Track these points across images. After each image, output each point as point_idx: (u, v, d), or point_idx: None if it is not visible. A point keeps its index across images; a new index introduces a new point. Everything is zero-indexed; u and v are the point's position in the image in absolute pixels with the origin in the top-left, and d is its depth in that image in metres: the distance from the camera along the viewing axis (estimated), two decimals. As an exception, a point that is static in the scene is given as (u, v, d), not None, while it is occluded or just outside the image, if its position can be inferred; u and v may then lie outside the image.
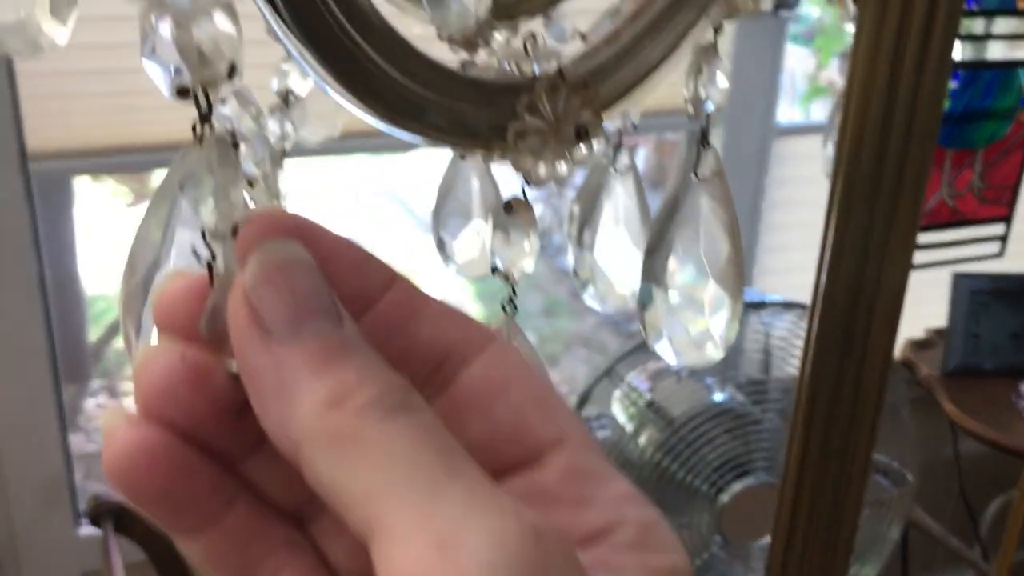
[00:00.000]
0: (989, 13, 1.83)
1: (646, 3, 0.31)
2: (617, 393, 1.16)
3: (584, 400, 1.14)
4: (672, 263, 0.35)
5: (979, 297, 2.00)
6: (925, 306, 2.13)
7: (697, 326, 0.36)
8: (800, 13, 1.78)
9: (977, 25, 1.90)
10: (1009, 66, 1.90)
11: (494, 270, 0.30)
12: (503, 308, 0.32)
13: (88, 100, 1.36)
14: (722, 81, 0.33)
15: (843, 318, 0.44)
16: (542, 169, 0.28)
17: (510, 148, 0.28)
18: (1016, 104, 1.93)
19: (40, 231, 1.40)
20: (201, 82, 0.22)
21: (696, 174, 0.35)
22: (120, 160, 1.44)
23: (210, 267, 0.22)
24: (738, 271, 0.36)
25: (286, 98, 0.44)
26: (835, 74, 2.71)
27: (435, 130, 0.27)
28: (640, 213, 0.50)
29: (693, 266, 0.35)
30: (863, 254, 0.43)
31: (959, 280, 2.01)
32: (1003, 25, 1.90)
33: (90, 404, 3.34)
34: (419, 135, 0.27)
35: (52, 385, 1.44)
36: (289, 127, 0.43)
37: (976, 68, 1.88)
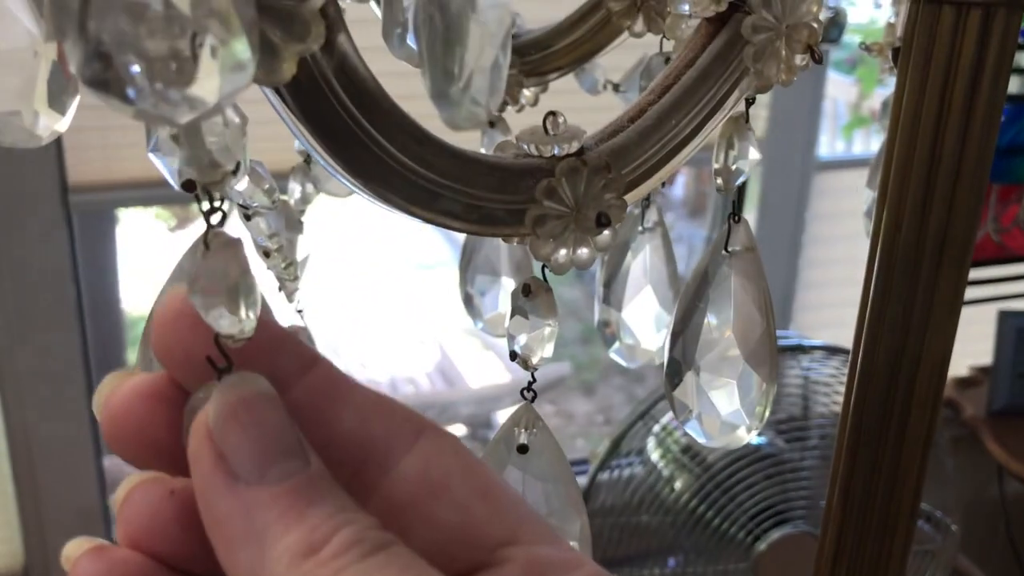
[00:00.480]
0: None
1: (672, 77, 0.29)
2: (652, 435, 1.13)
3: (618, 442, 1.11)
4: (702, 343, 0.34)
5: (1026, 336, 1.95)
6: (970, 344, 2.08)
7: (728, 407, 0.34)
8: (843, 40, 1.76)
9: (1022, 59, 1.86)
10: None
11: (513, 355, 0.29)
12: (522, 394, 0.30)
13: (128, 132, 1.37)
14: (753, 154, 0.32)
15: (887, 368, 0.43)
16: (562, 255, 0.27)
17: (529, 234, 0.27)
18: (1065, 139, 1.89)
19: (80, 259, 1.41)
20: (206, 184, 0.21)
21: (727, 249, 0.34)
22: (158, 192, 1.45)
23: (221, 374, 0.21)
24: (771, 349, 0.34)
25: (308, 158, 0.43)
26: (877, 104, 2.68)
27: (449, 216, 0.26)
28: (668, 271, 0.48)
29: (724, 346, 0.34)
30: (905, 321, 0.41)
31: (1005, 318, 1.96)
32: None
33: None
34: (432, 222, 0.26)
35: (87, 412, 1.45)
36: (310, 188, 0.42)
37: (1020, 102, 1.84)
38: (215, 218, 0.21)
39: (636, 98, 0.49)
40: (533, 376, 0.30)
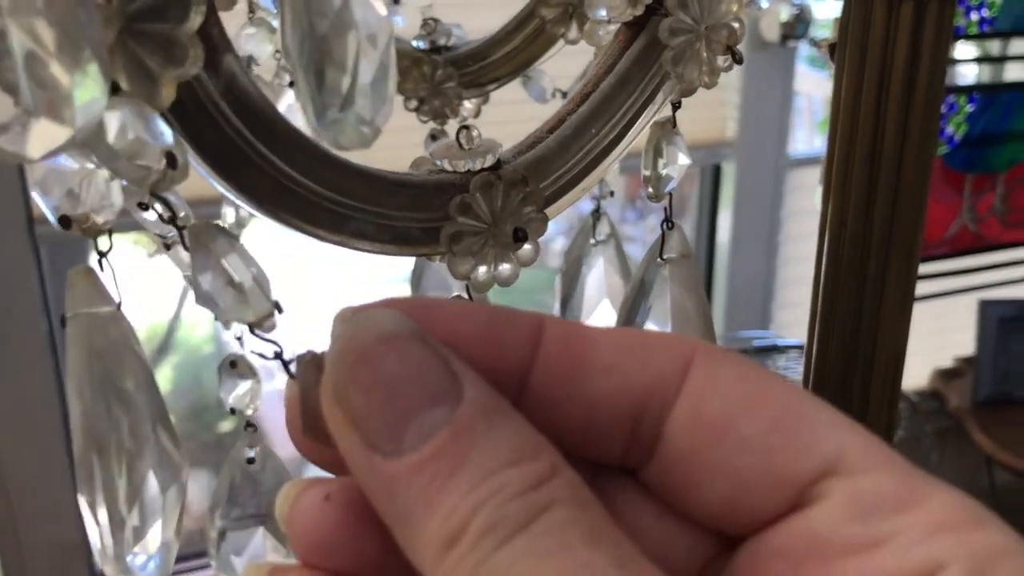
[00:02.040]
0: (1005, 35, 1.80)
1: (591, 84, 0.29)
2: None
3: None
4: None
5: (1007, 324, 1.95)
6: (952, 334, 2.09)
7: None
8: (816, 37, 1.76)
9: (993, 47, 1.87)
10: (1026, 88, 1.86)
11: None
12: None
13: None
14: (682, 159, 0.31)
15: (840, 367, 0.42)
16: (482, 273, 0.26)
17: (445, 252, 0.26)
18: (1035, 126, 1.90)
19: (49, 291, 1.40)
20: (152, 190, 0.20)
21: (663, 257, 0.33)
22: (125, 221, 1.43)
23: (279, 358, 0.20)
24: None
25: (170, 157, 0.42)
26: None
27: (360, 238, 0.25)
28: (623, 283, 0.48)
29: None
30: (855, 319, 0.41)
31: (986, 307, 1.96)
32: (1018, 46, 1.87)
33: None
34: (342, 245, 0.25)
35: (65, 448, 1.43)
36: (244, 212, 0.41)
37: (993, 91, 1.85)
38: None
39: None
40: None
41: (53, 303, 1.42)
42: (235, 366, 0.40)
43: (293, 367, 0.19)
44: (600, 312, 0.47)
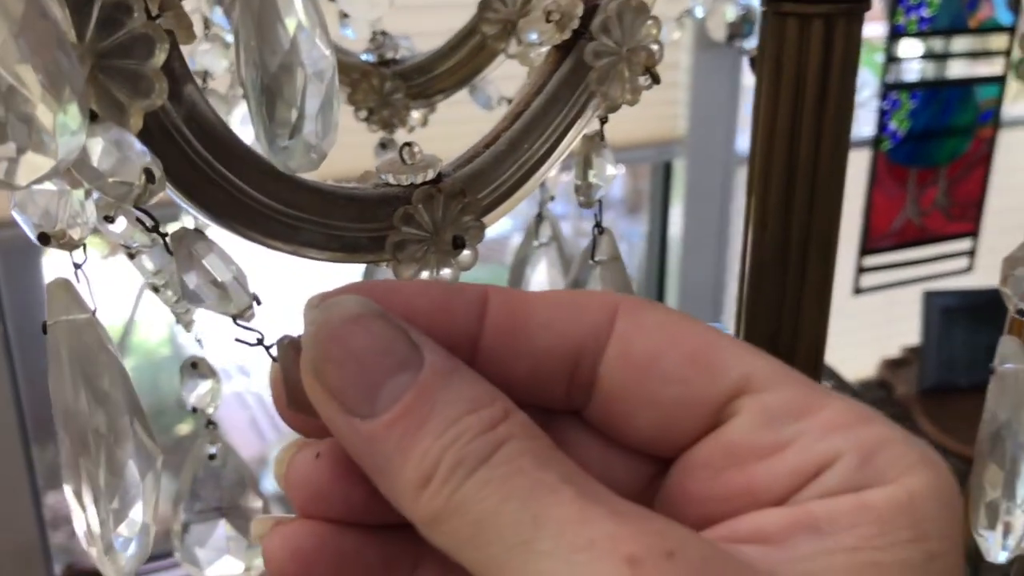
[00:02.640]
0: (945, 33, 1.86)
1: (523, 104, 0.31)
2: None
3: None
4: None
5: (950, 314, 2.01)
6: (898, 324, 2.14)
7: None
8: (744, 47, 1.80)
9: (936, 44, 1.92)
10: (965, 83, 1.92)
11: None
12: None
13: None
14: (610, 169, 0.34)
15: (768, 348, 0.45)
16: (425, 277, 0.29)
17: (391, 259, 0.29)
18: (975, 121, 1.96)
19: (4, 297, 1.40)
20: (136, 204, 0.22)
21: (594, 259, 0.36)
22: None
23: (261, 344, 0.22)
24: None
25: (149, 172, 0.44)
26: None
27: (312, 247, 0.28)
28: (565, 282, 0.50)
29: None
30: (777, 316, 0.44)
31: (930, 298, 2.02)
32: (960, 44, 1.92)
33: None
34: (295, 254, 0.28)
35: (22, 448, 1.43)
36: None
37: (934, 87, 1.90)
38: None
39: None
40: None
41: (8, 308, 1.42)
42: (196, 367, 0.42)
43: (273, 351, 0.22)
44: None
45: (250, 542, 0.45)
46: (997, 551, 0.35)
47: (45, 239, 0.23)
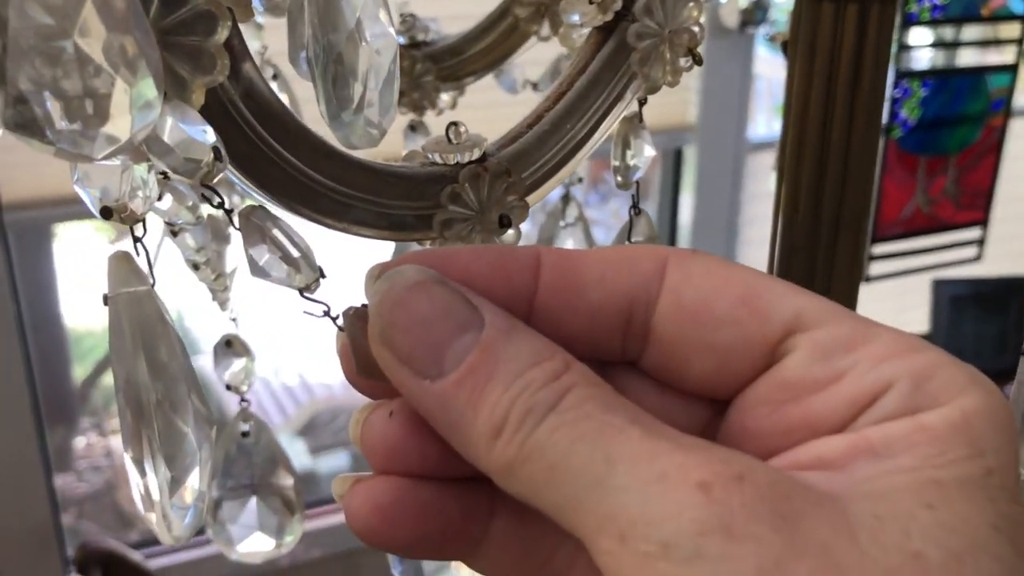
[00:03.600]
0: (957, 21, 1.85)
1: (566, 84, 0.32)
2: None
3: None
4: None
5: (959, 302, 2.01)
6: (907, 313, 2.15)
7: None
8: (779, 20, 1.80)
9: (947, 33, 1.92)
10: (976, 72, 1.92)
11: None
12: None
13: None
14: (648, 150, 0.34)
15: None
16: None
17: (438, 237, 0.29)
18: (986, 109, 1.95)
19: (17, 276, 1.41)
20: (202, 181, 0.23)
21: (630, 240, 0.36)
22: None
23: (328, 316, 0.23)
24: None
25: (217, 151, 0.44)
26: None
27: (362, 225, 0.28)
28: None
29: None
30: (810, 266, 0.44)
31: (939, 286, 2.02)
32: (971, 32, 1.92)
33: (80, 443, 3.32)
34: (345, 231, 0.28)
35: (36, 430, 1.44)
36: (236, 199, 0.44)
37: (945, 75, 1.90)
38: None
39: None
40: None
41: (22, 289, 1.43)
42: (230, 345, 0.42)
43: (340, 322, 0.23)
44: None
45: (279, 517, 0.45)
46: None
47: (107, 213, 0.24)
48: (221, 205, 0.23)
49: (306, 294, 0.23)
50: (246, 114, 0.25)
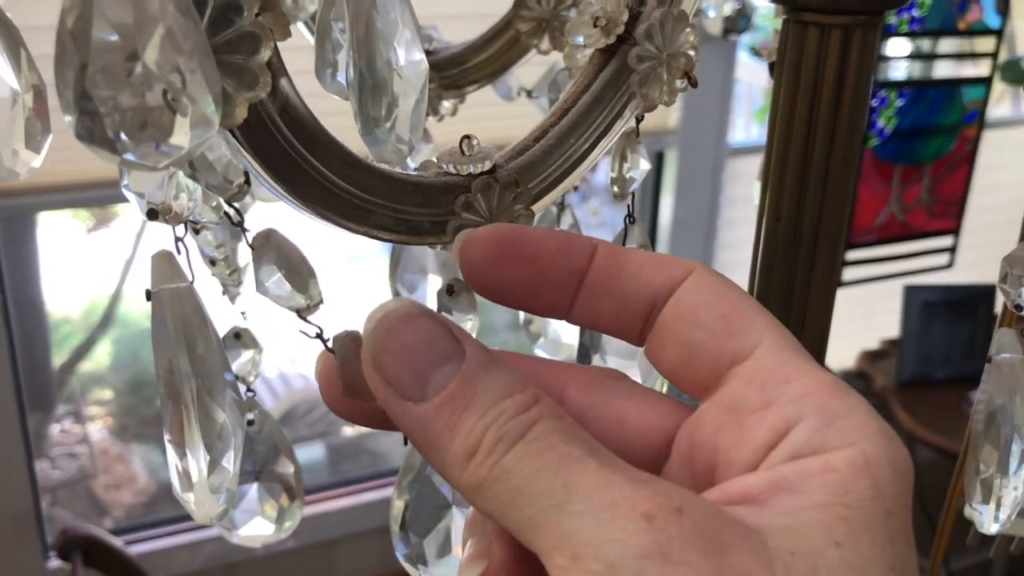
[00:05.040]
0: (934, 33, 1.89)
1: (570, 101, 0.34)
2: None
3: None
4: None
5: (930, 309, 2.05)
6: (879, 317, 2.19)
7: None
8: (758, 25, 1.83)
9: (924, 45, 1.96)
10: (952, 84, 1.96)
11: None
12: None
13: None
14: (644, 164, 0.37)
15: None
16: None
17: (451, 242, 0.31)
18: (960, 120, 1.99)
19: (3, 265, 1.41)
20: (228, 199, 0.25)
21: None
22: (78, 196, 1.45)
23: (320, 338, 0.25)
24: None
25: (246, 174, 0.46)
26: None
27: (381, 229, 0.30)
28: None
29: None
30: (787, 301, 0.47)
31: (910, 292, 2.06)
32: (947, 45, 1.96)
33: (55, 430, 3.31)
34: (367, 235, 0.30)
35: (18, 416, 1.45)
36: (248, 199, 0.46)
37: (921, 86, 1.93)
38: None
39: (546, 103, 0.54)
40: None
41: (7, 277, 1.43)
42: (239, 337, 0.44)
43: (331, 344, 0.25)
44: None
45: (278, 504, 0.47)
46: (990, 523, 0.38)
47: (153, 215, 0.26)
48: (241, 223, 0.25)
49: (304, 314, 0.25)
50: (282, 126, 0.27)
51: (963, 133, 2.01)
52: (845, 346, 2.13)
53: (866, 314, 2.19)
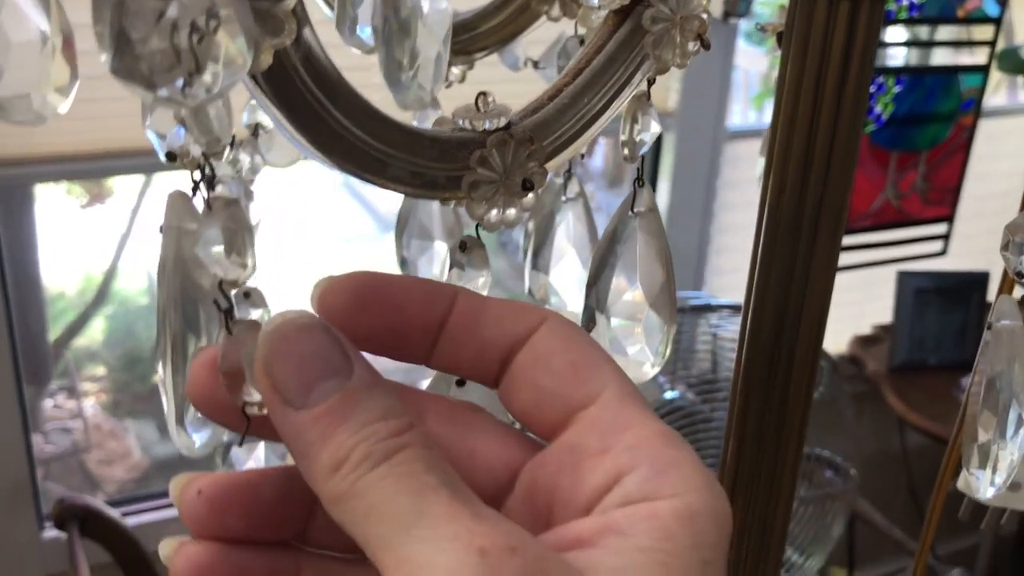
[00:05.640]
0: (932, 21, 1.89)
1: (584, 61, 0.34)
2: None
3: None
4: (612, 292, 0.39)
5: (923, 295, 2.06)
6: (872, 303, 2.20)
7: (635, 347, 0.40)
8: (759, 20, 1.83)
9: (922, 32, 1.96)
10: (949, 71, 1.96)
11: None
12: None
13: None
14: (654, 127, 0.37)
15: (773, 318, 0.48)
16: (494, 215, 0.32)
17: (465, 197, 0.32)
18: (956, 108, 2.00)
19: (2, 240, 1.41)
20: (209, 154, 0.25)
21: (633, 210, 0.39)
22: (77, 167, 1.45)
23: (226, 314, 0.25)
24: (671, 297, 0.40)
25: (256, 131, 0.47)
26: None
27: (397, 182, 0.31)
28: (589, 236, 0.53)
29: (631, 293, 0.39)
30: (791, 256, 0.47)
31: (904, 278, 2.07)
32: (945, 32, 1.96)
33: (48, 405, 3.31)
34: (383, 187, 0.30)
35: (15, 387, 1.45)
36: (259, 159, 0.46)
37: (918, 73, 1.94)
38: (205, 185, 0.25)
39: (552, 73, 0.54)
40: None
41: (5, 246, 1.43)
42: (248, 296, 0.44)
43: (231, 325, 0.25)
44: (567, 262, 0.53)
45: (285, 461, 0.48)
46: (986, 488, 0.39)
47: (172, 157, 0.26)
48: (211, 181, 0.25)
49: (225, 287, 0.25)
50: (304, 75, 0.27)
51: (959, 121, 2.02)
52: (838, 331, 2.15)
53: (859, 300, 2.20)
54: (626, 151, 0.38)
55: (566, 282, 0.53)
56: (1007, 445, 0.38)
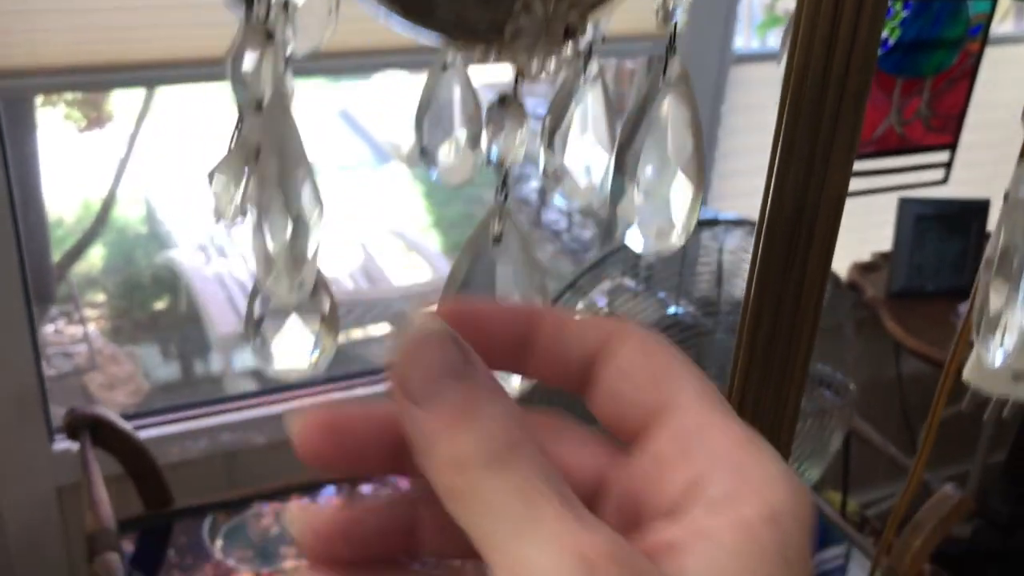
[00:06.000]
0: (941, -56, 1.87)
1: (625, -81, 0.35)
2: (580, 307, 1.21)
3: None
4: (642, 160, 0.40)
5: (923, 222, 2.08)
6: (872, 230, 2.21)
7: (663, 215, 0.41)
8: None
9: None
10: (958, -4, 1.95)
11: (488, 161, 0.35)
12: (496, 194, 0.36)
13: (51, 16, 1.36)
14: (689, -9, 0.38)
15: (786, 235, 0.49)
16: (534, 65, 0.33)
17: (507, 45, 0.32)
18: (963, 34, 1.99)
19: (8, 146, 1.41)
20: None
21: (664, 77, 0.39)
22: (84, 79, 1.44)
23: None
24: (700, 165, 0.41)
25: (286, 5, 0.47)
26: (792, 4, 2.74)
27: (442, 25, 0.31)
28: (607, 117, 0.54)
29: (660, 160, 0.40)
30: (806, 174, 0.48)
31: (905, 205, 2.08)
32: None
33: (49, 330, 3.34)
34: (430, 29, 0.31)
35: (24, 301, 1.46)
36: (290, 32, 0.47)
37: (927, -2, 1.92)
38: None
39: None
40: (506, 179, 0.35)
41: (11, 159, 1.43)
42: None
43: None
44: (584, 142, 0.54)
45: (319, 338, 0.49)
46: (996, 353, 0.40)
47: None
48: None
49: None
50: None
51: (966, 47, 2.01)
52: (838, 258, 2.15)
53: (860, 227, 2.21)
54: (660, 15, 0.38)
55: (582, 162, 0.54)
56: (1017, 310, 0.39)
